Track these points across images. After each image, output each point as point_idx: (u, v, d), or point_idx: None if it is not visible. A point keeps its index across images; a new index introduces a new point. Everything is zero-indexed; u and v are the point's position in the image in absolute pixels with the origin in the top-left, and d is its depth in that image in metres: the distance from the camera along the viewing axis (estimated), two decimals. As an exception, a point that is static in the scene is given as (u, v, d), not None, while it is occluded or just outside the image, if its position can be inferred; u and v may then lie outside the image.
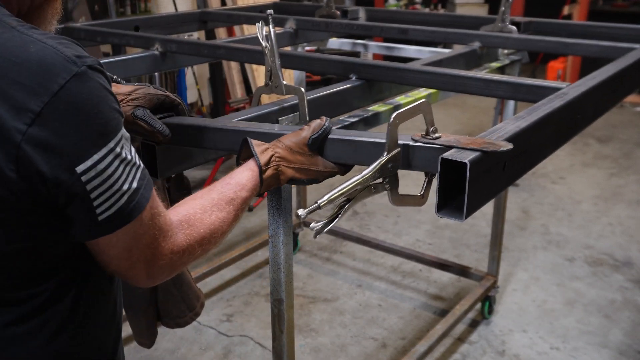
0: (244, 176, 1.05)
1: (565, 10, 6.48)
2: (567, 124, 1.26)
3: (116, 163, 0.80)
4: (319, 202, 0.98)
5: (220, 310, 2.95)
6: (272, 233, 1.30)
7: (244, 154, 1.11)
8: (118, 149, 0.80)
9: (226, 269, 3.20)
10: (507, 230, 3.68)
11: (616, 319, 2.88)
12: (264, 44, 1.35)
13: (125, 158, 0.82)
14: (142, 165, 0.86)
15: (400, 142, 1.02)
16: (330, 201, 0.99)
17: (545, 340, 2.72)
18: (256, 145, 1.08)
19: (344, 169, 1.13)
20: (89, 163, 0.77)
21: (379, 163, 1.01)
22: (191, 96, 5.28)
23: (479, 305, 2.85)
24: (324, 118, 1.12)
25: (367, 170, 1.01)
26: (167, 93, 1.27)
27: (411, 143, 1.03)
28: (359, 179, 1.00)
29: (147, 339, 1.98)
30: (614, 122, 5.86)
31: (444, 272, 3.13)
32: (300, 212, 0.99)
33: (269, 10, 1.37)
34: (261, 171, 1.05)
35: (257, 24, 1.36)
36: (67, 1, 4.12)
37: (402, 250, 3.16)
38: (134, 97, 1.22)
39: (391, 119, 0.99)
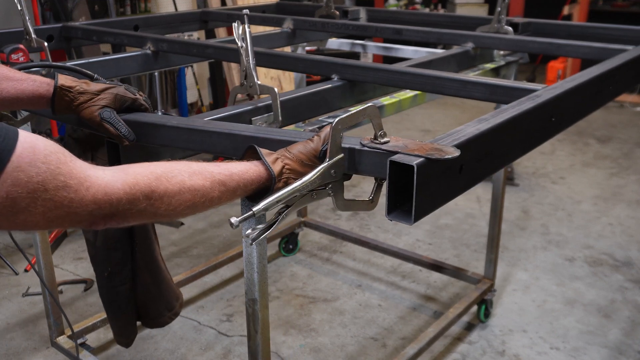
0: (248, 177, 0.99)
1: (565, 10, 6.48)
2: (540, 126, 1.25)
3: None
4: (253, 209, 0.95)
5: (220, 310, 2.95)
6: (247, 232, 1.30)
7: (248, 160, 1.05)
8: None
9: (226, 268, 3.21)
10: (507, 230, 3.68)
11: (616, 319, 2.88)
12: (239, 43, 1.36)
13: None
14: None
15: (345, 146, 1.01)
16: (265, 208, 0.96)
17: (545, 340, 2.72)
18: (266, 155, 1.02)
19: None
20: None
21: (320, 170, 0.99)
22: (191, 96, 5.29)
23: (475, 308, 2.85)
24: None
25: (307, 177, 0.98)
26: (137, 97, 1.27)
27: (357, 147, 1.01)
28: (297, 186, 0.97)
29: (125, 337, 1.99)
30: (614, 122, 5.87)
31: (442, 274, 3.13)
32: (233, 220, 0.94)
33: (245, 10, 1.37)
34: (274, 183, 1.00)
35: (233, 23, 1.36)
36: (67, 1, 4.12)
37: (400, 251, 3.16)
38: (102, 97, 1.23)
39: (333, 124, 0.97)
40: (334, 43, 2.75)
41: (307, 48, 2.94)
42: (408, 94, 1.73)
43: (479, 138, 1.02)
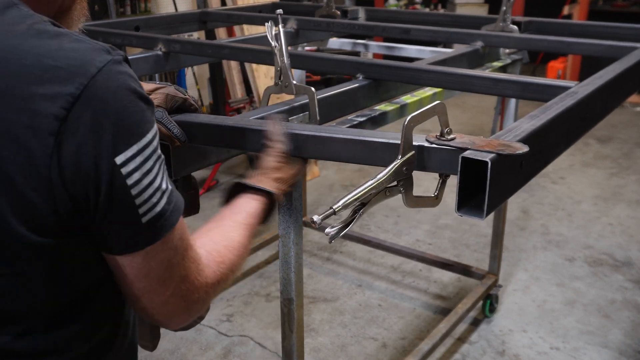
0: (252, 206, 1.06)
1: (565, 10, 6.48)
2: (579, 123, 1.26)
3: (154, 157, 0.73)
4: (334, 207, 0.97)
5: (220, 310, 2.95)
6: (283, 232, 1.30)
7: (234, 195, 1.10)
8: (155, 143, 0.73)
9: (226, 269, 3.20)
10: (507, 230, 3.67)
11: (616, 319, 2.88)
12: (273, 43, 1.36)
13: (161, 155, 0.76)
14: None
15: (415, 143, 1.01)
16: (345, 206, 0.97)
17: (545, 340, 2.72)
18: (256, 182, 1.09)
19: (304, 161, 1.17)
20: (128, 154, 0.70)
21: (394, 166, 1.00)
22: (191, 96, 5.28)
23: (480, 305, 2.85)
24: (279, 117, 1.14)
25: (382, 174, 1.00)
26: (187, 96, 1.27)
27: (426, 145, 1.01)
28: (374, 182, 0.99)
29: (150, 342, 1.98)
30: (614, 122, 5.86)
31: (444, 271, 3.13)
32: (316, 218, 0.96)
33: (278, 10, 1.38)
34: (273, 199, 1.07)
35: (266, 23, 1.37)
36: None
37: (404, 249, 3.16)
38: (153, 97, 1.22)
39: (406, 122, 0.97)
40: (335, 43, 2.75)
41: (307, 48, 2.94)
42: (427, 92, 1.72)
43: (535, 134, 1.02)
